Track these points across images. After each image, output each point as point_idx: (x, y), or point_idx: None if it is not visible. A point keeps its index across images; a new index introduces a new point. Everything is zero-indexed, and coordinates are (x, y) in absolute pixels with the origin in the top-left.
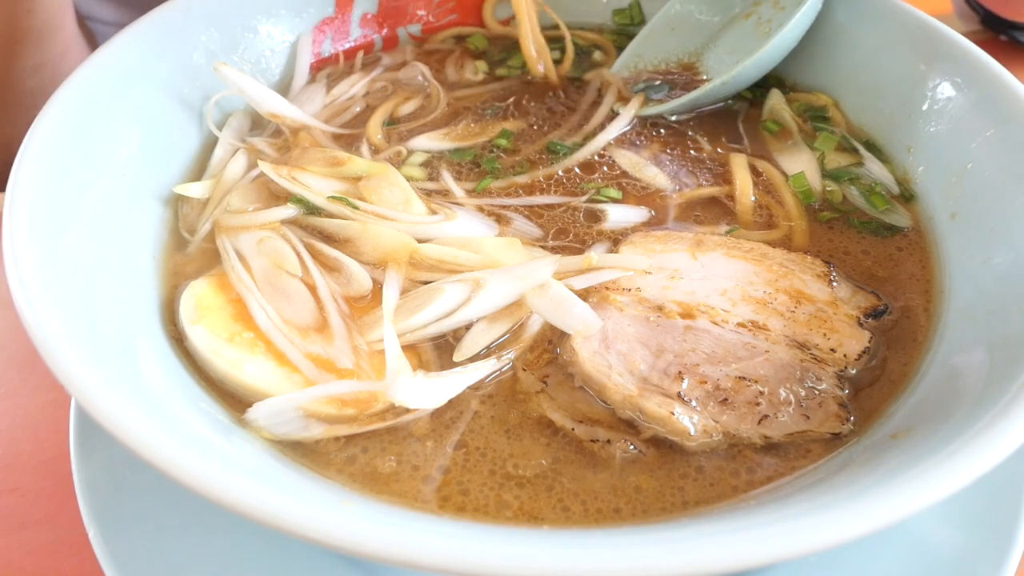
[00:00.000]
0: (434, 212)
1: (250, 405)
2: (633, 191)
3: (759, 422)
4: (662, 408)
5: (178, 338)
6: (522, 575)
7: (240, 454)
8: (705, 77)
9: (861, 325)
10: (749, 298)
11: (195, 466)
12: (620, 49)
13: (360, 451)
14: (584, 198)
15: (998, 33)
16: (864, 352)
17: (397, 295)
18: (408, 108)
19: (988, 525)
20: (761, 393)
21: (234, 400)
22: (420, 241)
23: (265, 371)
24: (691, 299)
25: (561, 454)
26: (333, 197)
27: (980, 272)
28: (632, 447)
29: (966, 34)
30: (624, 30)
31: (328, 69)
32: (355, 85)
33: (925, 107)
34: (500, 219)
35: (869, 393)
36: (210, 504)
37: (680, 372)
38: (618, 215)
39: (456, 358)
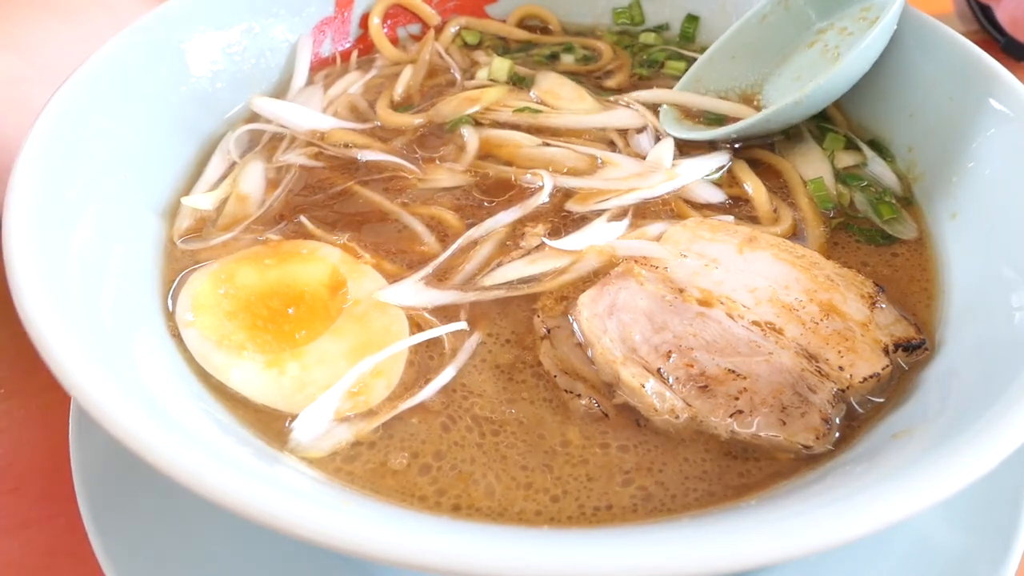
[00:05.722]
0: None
1: (249, 405)
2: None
3: (731, 416)
4: (635, 379)
5: (179, 336)
6: (522, 575)
7: (239, 453)
8: (766, 107)
9: (887, 353)
10: (776, 301)
11: (194, 465)
12: (624, 48)
13: (366, 448)
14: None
15: (1019, 60)
16: (872, 376)
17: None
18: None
19: (988, 525)
20: (744, 390)
21: (234, 399)
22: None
23: (250, 376)
24: (716, 289)
25: (564, 442)
26: (518, 109)
27: (981, 272)
28: (597, 405)
29: (966, 34)
30: (625, 29)
31: (325, 70)
32: (353, 84)
33: (925, 107)
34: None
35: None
36: (210, 504)
37: (670, 351)
38: (688, 170)
39: (485, 282)
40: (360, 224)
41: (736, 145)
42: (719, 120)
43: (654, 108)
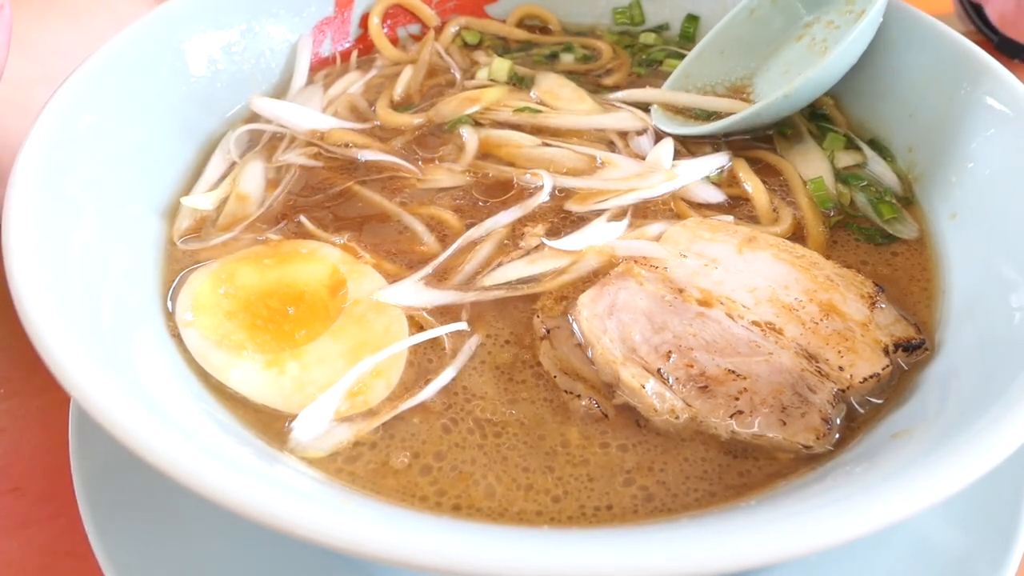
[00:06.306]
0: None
1: (249, 405)
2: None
3: (732, 416)
4: (635, 379)
5: (178, 336)
6: (522, 575)
7: (239, 453)
8: (756, 100)
9: (887, 353)
10: (776, 301)
11: (194, 465)
12: (625, 48)
13: (367, 448)
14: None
15: (1012, 57)
16: (872, 376)
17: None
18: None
19: (988, 525)
20: (745, 390)
21: (234, 399)
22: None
23: (249, 376)
24: (716, 289)
25: (560, 440)
26: (518, 109)
27: (980, 272)
28: (597, 406)
29: (965, 34)
30: (625, 29)
31: (325, 71)
32: (353, 84)
33: (924, 107)
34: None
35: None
36: (209, 504)
37: (670, 351)
38: (687, 171)
39: (485, 282)
40: (360, 224)
41: (725, 138)
42: (709, 115)
43: (646, 107)
